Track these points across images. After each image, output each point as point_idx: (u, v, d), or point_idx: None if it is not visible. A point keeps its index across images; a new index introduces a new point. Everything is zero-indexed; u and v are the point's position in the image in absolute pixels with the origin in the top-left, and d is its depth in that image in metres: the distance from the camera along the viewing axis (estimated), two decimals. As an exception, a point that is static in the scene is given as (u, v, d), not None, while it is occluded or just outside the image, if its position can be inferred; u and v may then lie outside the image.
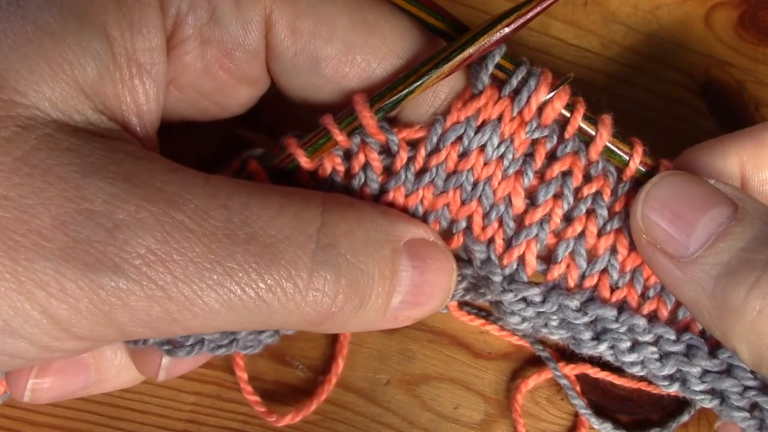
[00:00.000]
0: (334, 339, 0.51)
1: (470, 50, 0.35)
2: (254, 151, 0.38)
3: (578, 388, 0.51)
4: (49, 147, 0.30)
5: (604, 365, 0.50)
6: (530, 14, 0.34)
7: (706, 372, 0.39)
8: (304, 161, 0.37)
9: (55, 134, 0.30)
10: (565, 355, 0.51)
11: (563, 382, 0.49)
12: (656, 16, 0.57)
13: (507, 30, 0.34)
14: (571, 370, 0.50)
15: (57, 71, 0.31)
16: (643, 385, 0.49)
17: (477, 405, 0.51)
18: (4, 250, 0.28)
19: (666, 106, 0.55)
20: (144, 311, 0.30)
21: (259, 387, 0.51)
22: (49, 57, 0.30)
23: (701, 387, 0.39)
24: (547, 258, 0.39)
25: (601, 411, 0.51)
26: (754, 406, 0.39)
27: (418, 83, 0.35)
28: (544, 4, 0.34)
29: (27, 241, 0.29)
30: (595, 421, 0.50)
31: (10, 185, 0.29)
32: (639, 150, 0.38)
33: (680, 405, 0.51)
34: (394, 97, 0.35)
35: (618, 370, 0.50)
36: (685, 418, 0.50)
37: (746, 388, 0.38)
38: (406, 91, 0.35)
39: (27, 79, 0.30)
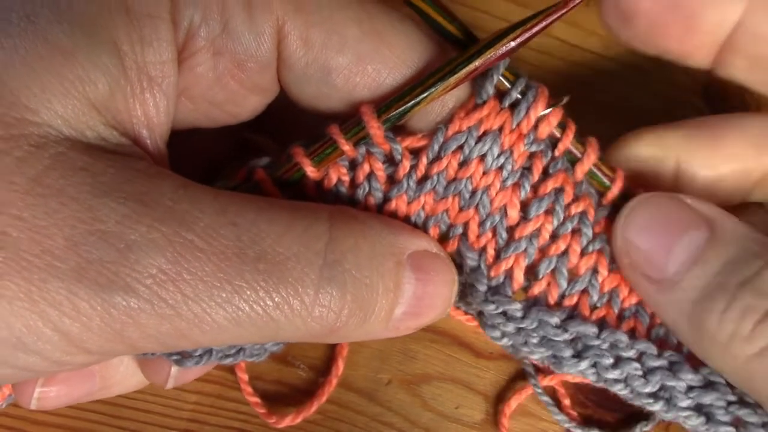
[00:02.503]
0: (335, 339, 0.52)
1: (476, 63, 0.35)
2: (260, 161, 0.38)
3: (567, 401, 0.51)
4: (62, 166, 0.30)
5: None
6: (536, 29, 0.35)
7: (690, 387, 0.39)
8: (311, 171, 0.37)
9: (67, 153, 0.30)
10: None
11: (544, 399, 0.50)
12: (657, 17, 0.57)
13: (513, 44, 0.35)
14: (550, 380, 0.51)
15: (68, 88, 0.31)
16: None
17: (478, 405, 0.52)
18: (18, 270, 0.29)
19: (666, 108, 0.55)
20: (154, 328, 0.31)
21: (260, 387, 0.51)
22: (60, 74, 0.30)
23: (687, 403, 0.39)
24: (533, 274, 0.39)
25: (603, 410, 0.51)
26: (738, 421, 0.39)
27: (425, 95, 0.35)
28: (549, 19, 0.35)
29: (40, 261, 0.29)
30: (580, 432, 0.50)
31: (23, 206, 0.29)
32: (621, 177, 0.38)
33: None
34: (401, 109, 0.36)
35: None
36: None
37: (729, 403, 0.38)
38: (413, 102, 0.35)
39: (39, 97, 0.30)
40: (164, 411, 0.51)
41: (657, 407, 0.39)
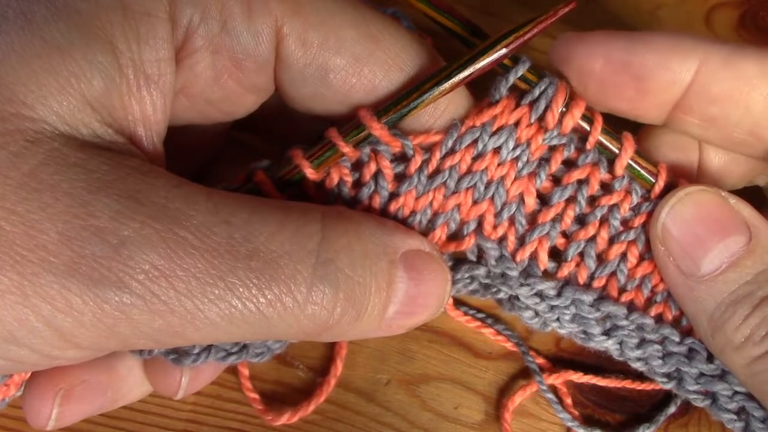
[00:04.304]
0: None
1: (470, 69, 0.36)
2: (260, 163, 0.38)
3: (569, 400, 0.51)
4: (57, 162, 0.30)
5: (586, 369, 0.51)
6: (527, 36, 0.36)
7: (701, 374, 0.41)
8: (310, 172, 0.37)
9: (62, 149, 0.31)
10: (561, 361, 0.52)
11: (549, 396, 0.50)
12: (657, 17, 0.57)
13: (505, 50, 0.37)
14: (555, 379, 0.51)
15: (64, 85, 0.31)
16: (627, 383, 0.50)
17: (477, 405, 0.52)
18: (11, 265, 0.29)
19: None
20: (147, 324, 0.31)
21: (260, 387, 0.51)
22: (56, 71, 0.31)
23: (695, 387, 0.41)
24: (557, 258, 0.40)
25: (603, 410, 0.51)
26: (741, 410, 0.41)
27: (421, 99, 0.36)
28: (540, 27, 0.36)
29: (34, 256, 0.29)
30: (583, 432, 0.50)
31: (17, 200, 0.29)
32: (664, 170, 0.39)
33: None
34: (398, 113, 0.37)
35: (599, 372, 0.51)
36: (672, 410, 0.51)
37: (735, 393, 0.40)
38: (410, 106, 0.37)
39: (35, 93, 0.30)
40: (163, 411, 0.51)
41: (669, 386, 0.42)
